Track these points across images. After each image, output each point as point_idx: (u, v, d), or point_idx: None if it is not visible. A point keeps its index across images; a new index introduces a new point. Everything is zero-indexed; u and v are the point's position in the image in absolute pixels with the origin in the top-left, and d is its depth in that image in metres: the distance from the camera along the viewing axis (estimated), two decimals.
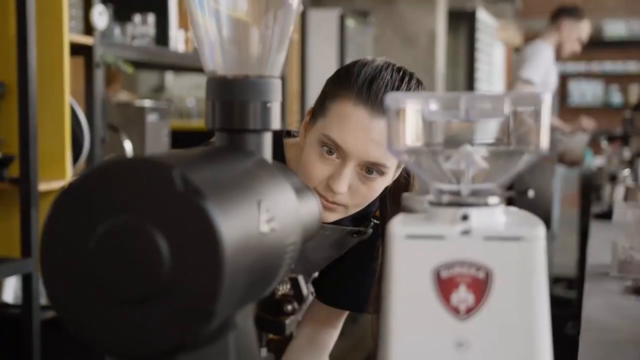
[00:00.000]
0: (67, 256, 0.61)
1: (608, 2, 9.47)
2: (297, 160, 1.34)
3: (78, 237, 0.60)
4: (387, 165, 1.26)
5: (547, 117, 0.67)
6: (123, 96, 4.70)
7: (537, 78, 4.43)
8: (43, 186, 2.43)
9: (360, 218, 1.43)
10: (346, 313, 1.56)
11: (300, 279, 0.84)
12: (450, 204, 0.68)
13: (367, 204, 1.32)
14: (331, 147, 1.25)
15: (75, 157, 2.62)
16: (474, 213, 0.67)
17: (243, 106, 0.76)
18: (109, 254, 0.60)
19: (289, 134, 1.44)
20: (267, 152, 0.78)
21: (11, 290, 2.69)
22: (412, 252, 0.67)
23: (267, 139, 0.78)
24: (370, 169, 1.26)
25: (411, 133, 0.70)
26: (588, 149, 4.94)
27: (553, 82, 4.57)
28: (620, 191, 2.69)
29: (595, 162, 5.52)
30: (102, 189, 0.60)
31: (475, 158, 0.68)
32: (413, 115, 0.69)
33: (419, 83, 1.31)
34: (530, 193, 0.73)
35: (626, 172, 2.81)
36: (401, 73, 1.29)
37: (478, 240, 0.66)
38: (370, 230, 1.44)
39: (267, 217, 0.67)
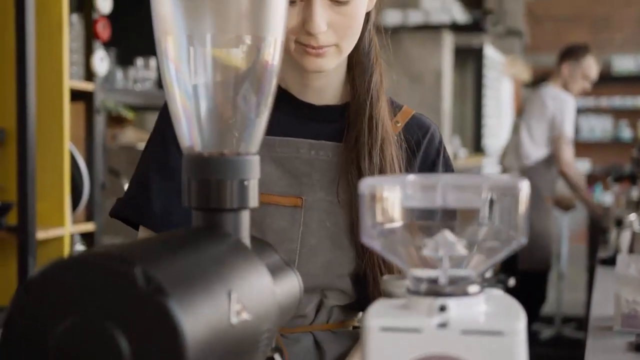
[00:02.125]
0: (27, 356, 0.59)
1: (616, 38, 9.48)
2: None
3: (38, 337, 0.58)
4: None
5: (524, 205, 0.64)
6: (130, 134, 4.70)
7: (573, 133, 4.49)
8: (41, 234, 2.42)
9: None
10: None
11: (277, 357, 0.82)
12: (428, 293, 0.66)
13: (356, 35, 1.22)
14: None
15: (75, 203, 2.61)
16: (453, 303, 0.65)
17: (219, 185, 0.74)
18: (68, 354, 0.57)
19: None
20: (245, 231, 0.76)
21: None
22: (388, 346, 0.64)
23: (245, 218, 0.76)
24: None
25: (386, 219, 0.67)
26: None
27: None
28: (626, 237, 2.65)
29: (603, 198, 5.47)
30: (63, 287, 0.58)
31: (457, 247, 0.65)
32: (388, 200, 0.67)
33: None
34: (511, 282, 0.71)
35: (632, 216, 2.77)
36: None
37: (456, 334, 0.63)
38: None
39: (239, 307, 0.65)
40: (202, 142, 0.75)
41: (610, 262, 2.64)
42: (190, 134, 0.75)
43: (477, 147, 7.08)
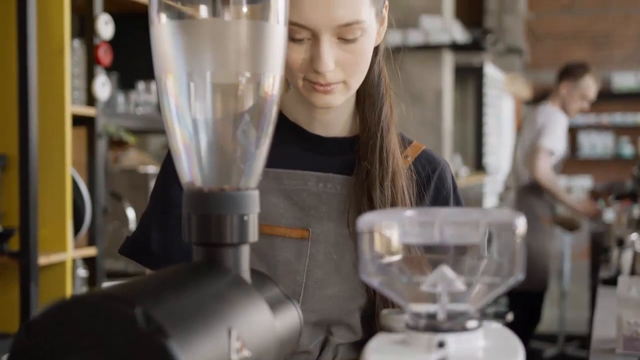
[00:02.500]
0: None
1: (616, 55, 9.51)
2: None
3: None
4: (362, 19, 1.15)
5: (521, 241, 0.65)
6: (132, 155, 4.71)
7: (559, 148, 4.44)
8: (43, 260, 2.42)
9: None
10: None
11: None
12: (427, 329, 0.66)
13: (365, 71, 1.22)
14: (296, 33, 1.14)
15: (77, 228, 2.61)
16: (451, 339, 0.65)
17: (220, 220, 0.74)
18: None
19: None
20: (244, 266, 0.76)
21: None
22: None
23: (245, 253, 0.76)
24: (347, 37, 1.16)
25: (384, 255, 0.68)
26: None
27: (564, 148, 4.58)
28: (628, 256, 2.65)
29: (606, 214, 5.47)
30: (63, 327, 0.59)
31: (455, 283, 0.66)
32: (386, 236, 0.68)
33: None
34: (509, 316, 0.71)
35: (634, 236, 2.77)
36: None
37: None
38: None
39: (239, 344, 0.66)
40: (202, 177, 0.76)
41: (612, 282, 2.63)
42: (190, 169, 0.76)
43: (478, 165, 7.09)
